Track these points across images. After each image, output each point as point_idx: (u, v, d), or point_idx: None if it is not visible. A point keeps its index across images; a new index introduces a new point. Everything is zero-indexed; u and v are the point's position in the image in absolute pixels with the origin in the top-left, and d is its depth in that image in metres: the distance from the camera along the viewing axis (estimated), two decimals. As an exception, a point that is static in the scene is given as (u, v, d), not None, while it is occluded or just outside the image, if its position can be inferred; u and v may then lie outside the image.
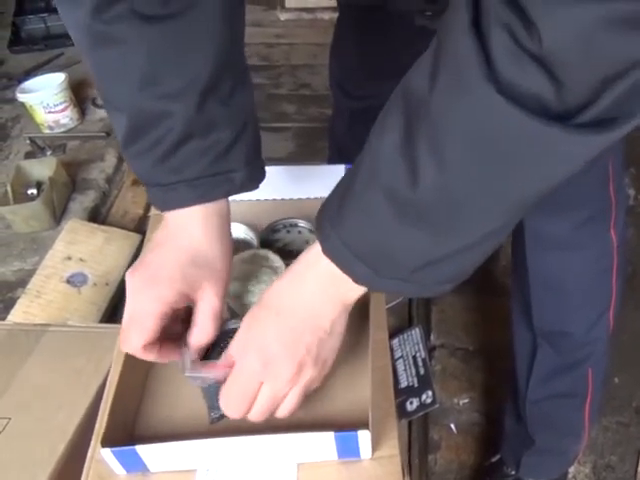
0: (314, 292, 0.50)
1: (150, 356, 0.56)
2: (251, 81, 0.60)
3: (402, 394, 1.20)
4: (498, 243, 0.45)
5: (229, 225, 0.60)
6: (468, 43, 0.33)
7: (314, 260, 0.49)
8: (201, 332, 0.56)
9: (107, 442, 0.53)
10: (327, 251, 0.48)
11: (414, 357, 1.25)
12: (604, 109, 0.33)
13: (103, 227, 1.43)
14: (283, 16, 2.48)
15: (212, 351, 0.57)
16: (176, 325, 0.58)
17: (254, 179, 0.59)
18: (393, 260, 0.45)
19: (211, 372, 0.55)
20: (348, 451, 0.54)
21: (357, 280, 0.48)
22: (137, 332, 0.54)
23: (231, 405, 0.53)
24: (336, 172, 0.77)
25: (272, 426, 0.56)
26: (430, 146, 0.38)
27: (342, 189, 0.48)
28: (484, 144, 0.37)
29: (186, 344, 0.57)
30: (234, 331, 0.57)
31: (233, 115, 0.56)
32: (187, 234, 0.56)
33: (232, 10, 0.54)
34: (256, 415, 0.53)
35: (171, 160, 0.55)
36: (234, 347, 0.53)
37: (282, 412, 0.54)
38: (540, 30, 0.31)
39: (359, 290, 0.50)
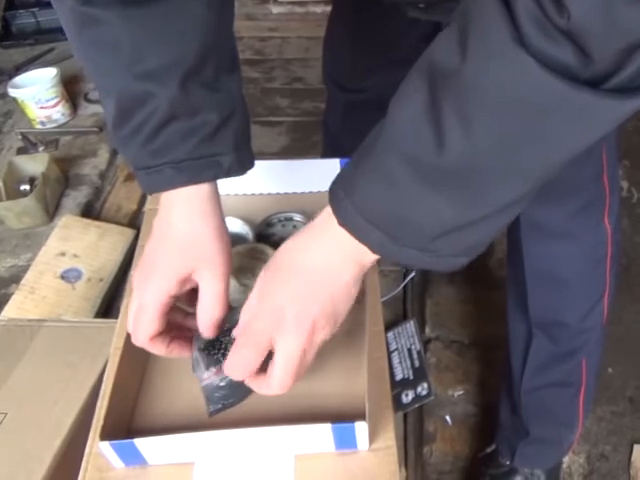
0: (330, 252, 0.49)
1: (159, 349, 0.56)
2: (239, 67, 0.60)
3: (397, 386, 1.21)
4: (515, 215, 0.46)
5: (220, 207, 0.58)
6: (496, 10, 0.35)
7: (331, 221, 0.48)
8: (205, 313, 0.55)
9: (105, 435, 0.53)
10: (342, 220, 0.47)
11: (409, 350, 1.25)
12: (629, 77, 0.35)
13: (97, 223, 1.43)
14: (275, 9, 2.47)
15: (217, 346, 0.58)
16: (188, 321, 0.58)
17: (242, 164, 0.59)
18: (412, 227, 0.45)
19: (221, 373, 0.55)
20: (345, 442, 0.55)
21: (373, 248, 0.47)
22: (142, 325, 0.54)
23: (236, 366, 0.51)
24: (330, 166, 0.77)
25: (269, 418, 0.57)
26: (458, 113, 0.39)
27: (357, 160, 0.47)
28: (513, 108, 0.37)
29: (197, 338, 0.56)
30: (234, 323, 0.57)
31: (219, 99, 0.56)
32: (177, 218, 0.56)
33: None
34: (279, 382, 0.50)
35: (155, 142, 0.54)
36: (248, 306, 0.52)
37: (301, 372, 0.51)
38: (569, 6, 0.32)
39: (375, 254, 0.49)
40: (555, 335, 0.91)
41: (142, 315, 0.54)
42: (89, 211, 1.53)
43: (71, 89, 1.87)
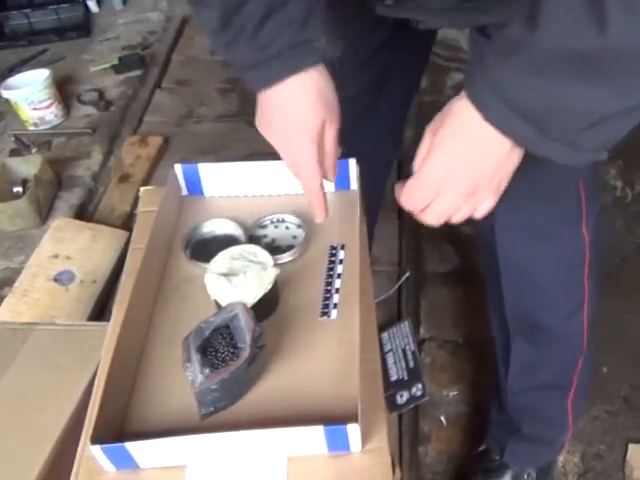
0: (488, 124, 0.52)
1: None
2: None
3: (392, 387, 1.21)
4: None
5: (332, 90, 0.64)
6: None
7: (470, 119, 0.53)
8: (329, 153, 0.65)
9: (97, 439, 0.53)
10: (488, 115, 0.51)
11: (404, 350, 1.25)
12: None
13: (90, 225, 1.43)
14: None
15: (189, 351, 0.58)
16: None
17: (333, 46, 0.62)
18: (564, 118, 0.48)
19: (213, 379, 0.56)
20: (338, 444, 0.54)
21: (519, 141, 0.52)
22: (308, 177, 0.64)
23: (409, 200, 0.58)
24: (323, 166, 0.76)
25: (262, 420, 0.56)
26: None
27: (500, 58, 0.50)
28: None
29: (193, 336, 0.59)
30: (220, 328, 0.58)
31: None
32: (293, 95, 0.62)
33: None
34: (431, 216, 0.58)
35: (259, 37, 0.60)
36: (419, 156, 0.58)
37: (455, 219, 0.58)
38: None
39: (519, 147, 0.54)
40: (535, 339, 0.91)
41: (302, 171, 0.64)
42: (82, 213, 1.53)
43: (64, 90, 1.86)
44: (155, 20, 2.26)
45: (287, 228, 0.75)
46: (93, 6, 2.28)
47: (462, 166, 0.55)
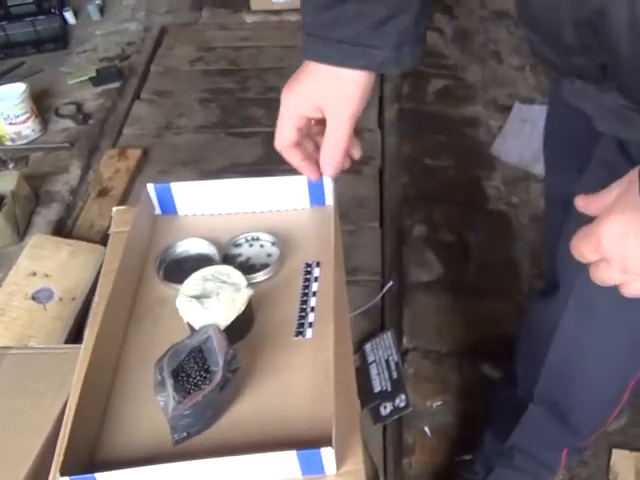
0: None
1: (293, 159, 0.65)
2: None
3: (376, 398, 1.20)
4: None
5: (368, 94, 0.63)
6: None
7: None
8: (327, 146, 0.64)
9: (66, 470, 0.52)
10: None
11: (387, 361, 1.25)
12: None
13: (68, 241, 1.41)
14: (249, 19, 2.46)
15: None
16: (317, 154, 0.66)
17: (400, 62, 0.61)
18: None
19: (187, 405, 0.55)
20: (312, 468, 0.54)
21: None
22: (280, 133, 0.65)
23: (578, 246, 0.50)
24: (297, 184, 0.76)
25: (235, 446, 0.56)
26: None
27: None
28: None
29: (168, 359, 0.57)
30: (192, 352, 0.57)
31: None
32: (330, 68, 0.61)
33: None
34: (602, 277, 0.50)
35: (327, 15, 0.59)
36: (603, 201, 0.50)
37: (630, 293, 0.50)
38: None
39: None
40: (556, 415, 0.88)
41: (281, 124, 0.64)
42: (60, 228, 1.51)
43: (41, 104, 1.84)
44: (133, 31, 2.25)
45: (262, 246, 0.74)
46: (70, 18, 2.27)
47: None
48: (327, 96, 0.62)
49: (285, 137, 0.65)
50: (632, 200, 0.47)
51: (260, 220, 0.77)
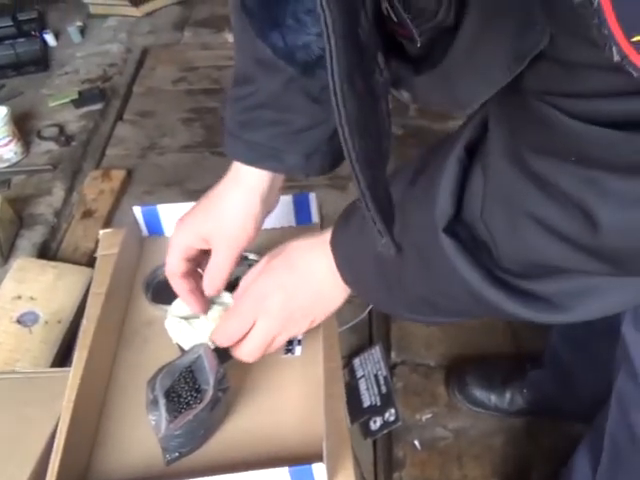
0: (328, 267, 0.55)
1: (179, 289, 0.64)
2: None
3: (365, 413, 1.20)
4: None
5: (267, 204, 0.65)
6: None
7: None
8: (207, 276, 0.64)
9: (58, 495, 0.52)
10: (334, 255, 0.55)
11: (376, 376, 1.25)
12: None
13: (53, 263, 1.40)
14: (232, 38, 2.49)
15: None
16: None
17: (306, 171, 0.64)
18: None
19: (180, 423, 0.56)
20: (305, 485, 0.54)
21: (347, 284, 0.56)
22: (168, 261, 0.65)
23: (224, 333, 0.59)
24: (284, 202, 0.77)
25: (227, 465, 0.56)
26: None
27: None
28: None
29: (161, 378, 0.59)
30: (183, 372, 0.57)
31: (315, 109, 0.61)
32: (227, 187, 0.64)
33: None
34: (248, 352, 0.59)
35: (244, 116, 0.62)
36: (246, 279, 0.60)
37: (269, 351, 0.60)
38: None
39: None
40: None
41: (169, 255, 0.65)
42: (45, 251, 1.50)
43: (23, 127, 1.84)
44: (115, 52, 2.25)
45: (250, 265, 0.75)
46: (51, 40, 2.27)
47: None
48: (213, 230, 0.64)
49: (173, 266, 0.65)
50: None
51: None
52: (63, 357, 1.25)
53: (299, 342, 0.67)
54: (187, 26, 2.42)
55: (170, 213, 0.78)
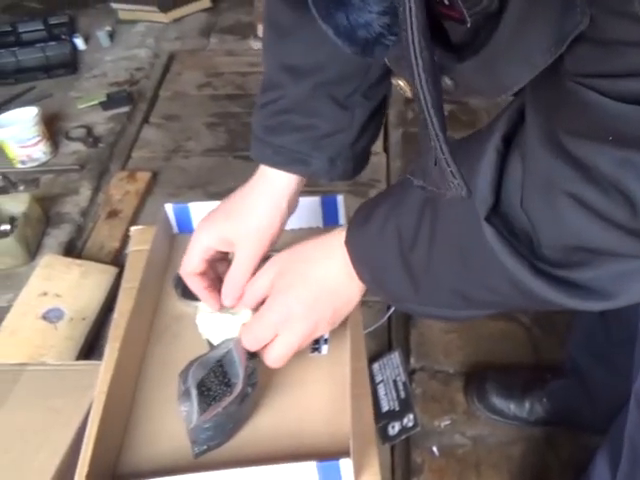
0: (340, 269, 0.57)
1: (196, 287, 0.66)
2: (385, 103, 0.66)
3: (384, 418, 1.21)
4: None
5: (291, 205, 0.67)
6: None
7: (342, 243, 0.57)
8: (229, 278, 0.64)
9: (90, 482, 0.53)
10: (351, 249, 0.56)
11: (394, 381, 1.25)
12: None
13: (78, 261, 1.43)
14: (256, 45, 2.51)
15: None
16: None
17: (330, 175, 0.66)
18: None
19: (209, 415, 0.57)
20: (331, 479, 0.55)
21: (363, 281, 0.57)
22: (187, 261, 0.65)
23: (250, 341, 0.60)
24: (312, 204, 0.78)
25: (255, 458, 0.57)
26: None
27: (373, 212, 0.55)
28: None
29: (194, 369, 0.60)
30: (213, 366, 0.58)
31: (340, 114, 0.63)
32: (252, 190, 0.66)
33: None
34: (274, 360, 0.60)
35: (271, 121, 0.64)
36: (259, 286, 0.61)
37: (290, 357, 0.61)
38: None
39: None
40: None
41: (189, 253, 0.65)
42: (71, 250, 1.53)
43: (52, 127, 1.87)
44: (142, 57, 2.29)
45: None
46: (80, 44, 2.31)
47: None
48: (238, 231, 0.64)
49: (192, 266, 0.65)
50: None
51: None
52: (87, 353, 1.27)
53: (325, 341, 0.68)
54: (213, 33, 2.45)
55: (201, 211, 0.79)
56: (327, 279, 0.58)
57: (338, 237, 0.57)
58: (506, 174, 0.42)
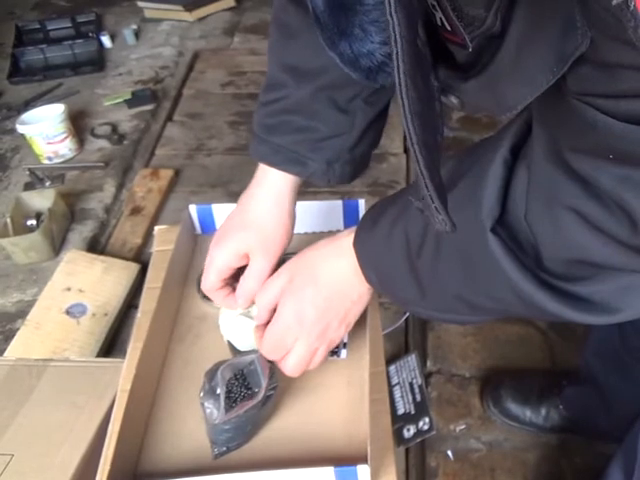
0: (349, 268, 0.58)
1: (217, 299, 0.68)
2: (385, 111, 0.67)
3: (399, 421, 1.21)
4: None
5: (293, 205, 0.68)
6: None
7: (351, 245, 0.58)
8: (243, 285, 0.65)
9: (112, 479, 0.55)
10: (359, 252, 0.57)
11: (410, 384, 1.26)
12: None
13: (102, 257, 1.45)
14: (277, 45, 2.53)
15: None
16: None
17: (326, 178, 0.66)
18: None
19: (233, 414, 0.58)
20: (348, 485, 0.56)
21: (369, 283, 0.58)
22: (206, 281, 0.67)
23: (267, 350, 0.61)
24: (334, 207, 0.79)
25: (273, 461, 0.58)
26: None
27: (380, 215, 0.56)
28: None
29: (224, 369, 0.61)
30: (240, 372, 0.59)
31: (340, 118, 0.64)
32: (255, 198, 0.67)
33: None
34: (293, 368, 0.61)
35: (272, 121, 0.64)
36: (272, 294, 0.61)
37: (313, 365, 0.62)
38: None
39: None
40: None
41: (206, 275, 0.67)
42: (94, 245, 1.55)
43: (78, 124, 1.90)
44: (167, 55, 2.31)
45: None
46: (107, 42, 2.34)
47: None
48: (251, 243, 0.65)
49: (211, 285, 0.67)
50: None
51: (299, 240, 0.79)
52: (108, 348, 1.29)
53: (344, 345, 0.69)
54: (237, 32, 2.47)
55: (223, 213, 0.80)
56: (337, 279, 0.59)
57: (347, 238, 0.58)
58: (512, 186, 0.43)
